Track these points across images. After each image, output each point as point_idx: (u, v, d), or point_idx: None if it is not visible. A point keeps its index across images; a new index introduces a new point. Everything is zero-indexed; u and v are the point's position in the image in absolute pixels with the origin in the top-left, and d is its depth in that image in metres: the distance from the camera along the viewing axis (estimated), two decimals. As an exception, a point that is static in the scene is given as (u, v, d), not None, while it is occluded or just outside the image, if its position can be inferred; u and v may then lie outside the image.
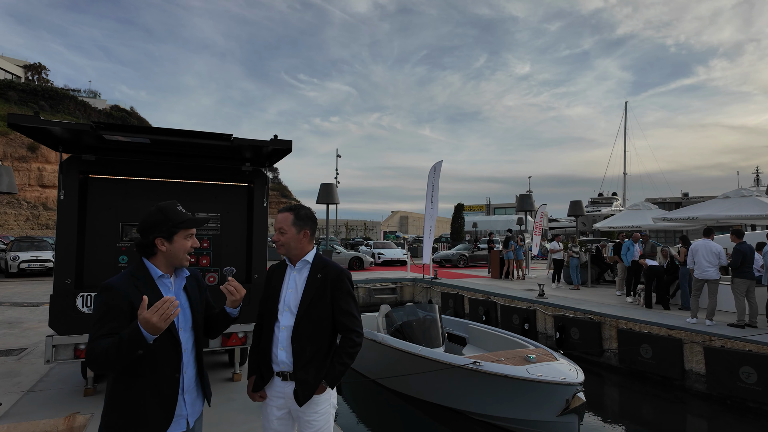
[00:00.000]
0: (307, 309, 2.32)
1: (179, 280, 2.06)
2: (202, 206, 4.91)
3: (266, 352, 2.37)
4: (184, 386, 2.00)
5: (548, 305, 10.76)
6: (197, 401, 2.10)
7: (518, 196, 20.86)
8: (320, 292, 2.35)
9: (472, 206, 69.83)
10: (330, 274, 2.39)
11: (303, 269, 2.41)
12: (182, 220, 2.01)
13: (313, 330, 2.32)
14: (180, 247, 2.00)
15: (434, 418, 6.77)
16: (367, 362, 8.27)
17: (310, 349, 2.31)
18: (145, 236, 1.96)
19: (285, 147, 4.31)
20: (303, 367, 2.29)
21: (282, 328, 2.33)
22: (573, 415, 5.64)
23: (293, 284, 2.39)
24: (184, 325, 2.02)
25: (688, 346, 7.92)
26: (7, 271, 16.67)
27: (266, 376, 2.36)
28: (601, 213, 44.89)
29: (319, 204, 17.03)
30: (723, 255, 8.24)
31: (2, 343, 7.02)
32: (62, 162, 4.32)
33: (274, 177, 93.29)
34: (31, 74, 58.71)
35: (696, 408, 7.41)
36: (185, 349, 2.00)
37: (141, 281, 1.91)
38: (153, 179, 4.75)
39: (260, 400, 2.40)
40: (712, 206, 11.68)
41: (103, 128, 3.69)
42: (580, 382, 5.58)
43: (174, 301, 1.73)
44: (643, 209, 16.31)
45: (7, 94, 48.47)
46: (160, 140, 4.07)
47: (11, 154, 42.41)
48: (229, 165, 4.99)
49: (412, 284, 16.42)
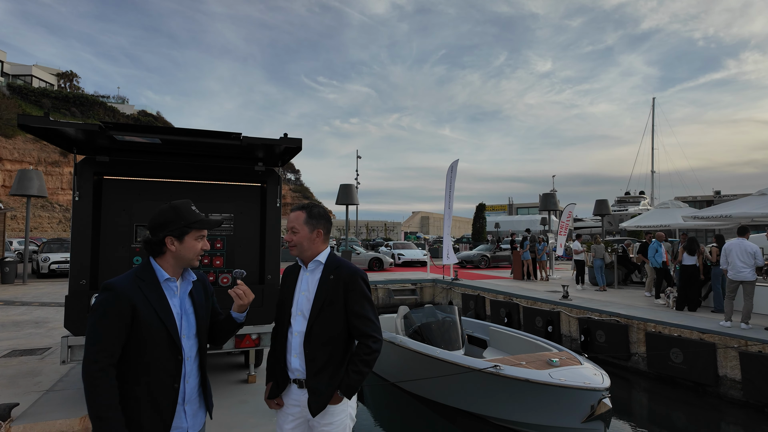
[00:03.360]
0: (319, 313, 2.20)
1: (185, 284, 1.97)
2: (216, 206, 4.89)
3: (281, 358, 2.27)
4: (186, 396, 1.89)
5: (572, 307, 10.43)
6: (199, 413, 1.99)
7: (541, 195, 20.41)
8: (333, 294, 2.21)
9: (494, 206, 69.01)
10: (343, 274, 2.25)
11: (316, 270, 2.29)
12: (195, 219, 1.92)
13: (326, 335, 2.19)
14: (190, 247, 1.91)
15: (454, 422, 6.61)
16: (385, 365, 8.16)
17: (322, 355, 2.18)
18: (155, 234, 1.88)
19: (296, 145, 4.25)
20: (315, 374, 2.17)
21: (295, 334, 2.23)
22: (599, 421, 5.41)
23: (306, 287, 2.27)
24: (188, 332, 1.92)
25: (722, 350, 7.53)
26: (39, 272, 17.22)
27: (282, 384, 2.26)
28: (628, 212, 43.66)
29: (339, 205, 17.05)
30: (759, 255, 7.82)
31: (28, 342, 7.19)
32: (76, 164, 4.36)
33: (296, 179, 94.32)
34: (63, 82, 60.84)
35: (731, 416, 7.04)
36: (188, 357, 1.90)
37: (146, 283, 1.83)
38: (167, 180, 4.75)
39: (277, 407, 2.29)
40: (746, 204, 11.15)
41: (113, 128, 3.69)
42: (606, 388, 5.34)
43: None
44: (673, 208, 15.72)
45: (41, 102, 50.35)
46: (171, 140, 4.06)
47: (45, 159, 43.99)
48: (242, 165, 4.96)
49: (432, 285, 16.23)
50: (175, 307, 1.89)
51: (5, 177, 40.11)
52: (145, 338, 1.77)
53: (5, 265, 14.95)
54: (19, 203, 35.26)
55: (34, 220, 39.97)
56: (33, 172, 16.25)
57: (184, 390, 1.88)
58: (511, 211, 66.35)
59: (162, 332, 1.81)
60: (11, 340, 7.25)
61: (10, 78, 52.31)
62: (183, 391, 1.88)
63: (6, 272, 14.91)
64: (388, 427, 6.79)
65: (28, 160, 42.75)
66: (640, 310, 9.76)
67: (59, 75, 60.70)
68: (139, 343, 1.77)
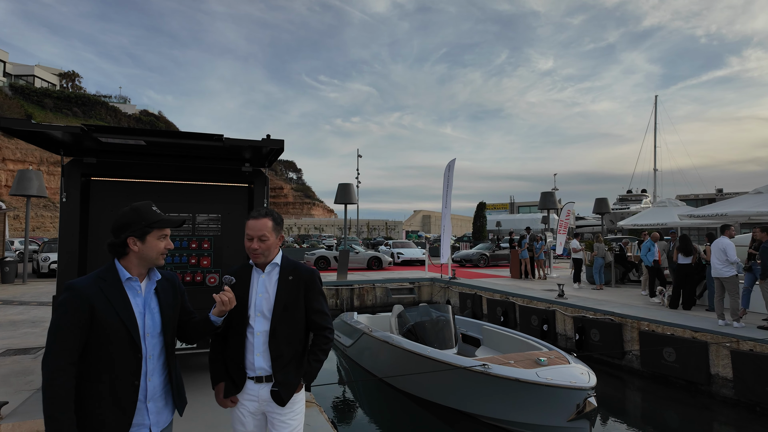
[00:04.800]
0: (282, 312, 2.30)
1: (150, 283, 2.00)
2: (203, 207, 4.93)
3: (238, 359, 2.32)
4: (148, 394, 1.93)
5: (568, 306, 10.44)
6: (165, 410, 2.02)
7: (541, 194, 20.38)
8: (294, 293, 2.34)
9: (495, 205, 68.99)
10: (302, 275, 2.38)
11: (272, 272, 2.37)
12: (156, 219, 1.96)
13: (290, 332, 2.31)
14: (153, 247, 1.95)
15: (444, 420, 6.64)
16: (377, 363, 8.20)
17: (288, 351, 2.30)
18: (117, 235, 1.91)
19: (278, 146, 4.28)
20: (282, 369, 2.28)
21: (257, 334, 2.29)
22: (584, 420, 5.44)
23: (263, 289, 2.34)
24: (152, 330, 1.95)
25: (714, 349, 7.53)
26: (39, 272, 17.33)
27: (239, 383, 2.33)
28: (629, 210, 43.51)
29: (337, 204, 17.07)
30: (731, 251, 7.84)
31: (23, 341, 7.25)
32: (64, 165, 4.40)
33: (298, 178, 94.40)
34: (66, 82, 61.09)
35: (723, 415, 7.04)
36: (151, 355, 1.94)
37: (107, 283, 1.87)
38: (154, 181, 4.79)
39: (232, 405, 2.36)
40: (742, 202, 11.12)
41: (95, 130, 3.73)
42: (592, 387, 5.36)
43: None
44: (670, 206, 15.69)
45: (43, 102, 50.58)
46: (154, 142, 4.10)
47: (47, 159, 44.24)
48: (229, 166, 4.99)
49: (430, 284, 16.26)
50: (138, 306, 1.93)
51: (8, 177, 40.36)
52: (104, 337, 1.81)
53: (5, 265, 15.06)
54: (21, 203, 35.46)
55: (37, 220, 40.22)
56: (32, 172, 16.36)
57: (146, 387, 1.92)
58: (513, 209, 66.28)
59: (122, 331, 1.84)
60: (6, 340, 7.32)
61: (12, 78, 52.54)
62: (145, 388, 1.91)
63: (6, 272, 15.01)
64: (379, 424, 6.83)
65: (30, 160, 43.01)
66: (634, 308, 9.77)
67: (61, 75, 60.96)
68: (100, 342, 1.81)
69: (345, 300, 15.04)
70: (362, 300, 15.25)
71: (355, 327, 9.20)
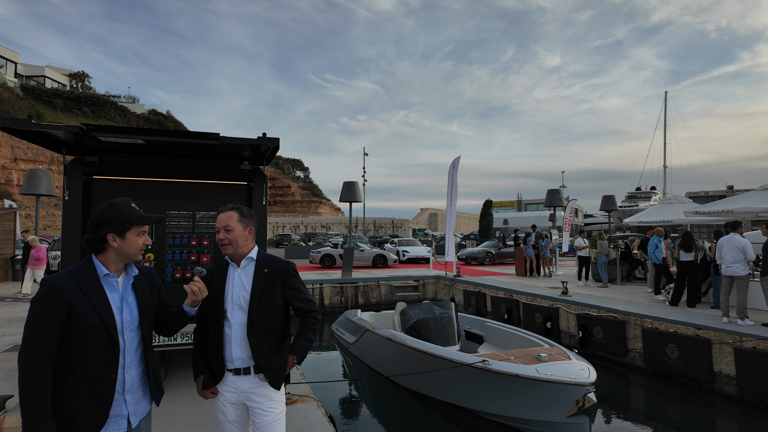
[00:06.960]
0: (259, 303, 2.38)
1: (127, 278, 2.05)
2: (203, 205, 5.00)
3: (217, 352, 2.41)
4: (126, 386, 1.97)
5: (571, 303, 10.42)
6: (143, 401, 2.07)
7: (547, 191, 20.28)
8: (270, 285, 2.42)
9: (503, 202, 68.69)
10: (277, 267, 2.47)
11: (248, 267, 2.45)
12: (136, 216, 2.02)
13: (267, 322, 2.40)
14: (132, 243, 2.00)
15: (446, 416, 6.68)
16: (380, 359, 8.25)
17: (267, 340, 2.39)
18: (97, 232, 1.96)
19: (274, 145, 4.34)
20: (263, 357, 2.37)
21: (235, 327, 2.38)
22: (584, 416, 5.44)
23: (239, 283, 2.42)
24: (130, 324, 2.00)
25: (717, 346, 7.49)
26: (49, 269, 17.59)
27: (218, 375, 2.42)
28: (638, 208, 43.15)
29: (343, 202, 17.12)
30: (749, 249, 7.75)
31: (31, 337, 7.39)
32: (66, 164, 4.49)
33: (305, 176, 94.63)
34: (75, 82, 61.75)
35: (726, 412, 7.00)
36: (128, 348, 1.98)
37: (84, 278, 1.91)
38: (154, 179, 4.86)
39: (212, 396, 2.45)
40: (749, 198, 10.99)
41: (94, 130, 3.80)
42: (591, 383, 5.36)
43: None
44: (676, 203, 15.53)
45: (53, 102, 51.18)
46: (153, 141, 4.17)
47: (57, 159, 44.75)
48: (228, 164, 5.05)
49: (434, 282, 16.28)
50: (115, 301, 1.97)
51: (20, 176, 40.93)
52: (82, 331, 1.85)
53: (16, 263, 15.31)
54: (32, 202, 35.95)
55: (48, 219, 40.73)
56: (42, 171, 16.59)
57: (123, 379, 1.96)
58: (520, 207, 65.92)
59: (99, 326, 1.88)
60: (15, 336, 7.46)
61: (23, 79, 53.21)
62: (123, 380, 1.96)
63: (17, 269, 15.26)
64: (381, 421, 6.88)
65: (41, 160, 43.60)
66: (638, 306, 9.72)
67: (71, 75, 61.62)
68: (77, 336, 1.85)
69: (350, 297, 15.11)
70: (367, 297, 15.30)
71: (359, 324, 9.25)
